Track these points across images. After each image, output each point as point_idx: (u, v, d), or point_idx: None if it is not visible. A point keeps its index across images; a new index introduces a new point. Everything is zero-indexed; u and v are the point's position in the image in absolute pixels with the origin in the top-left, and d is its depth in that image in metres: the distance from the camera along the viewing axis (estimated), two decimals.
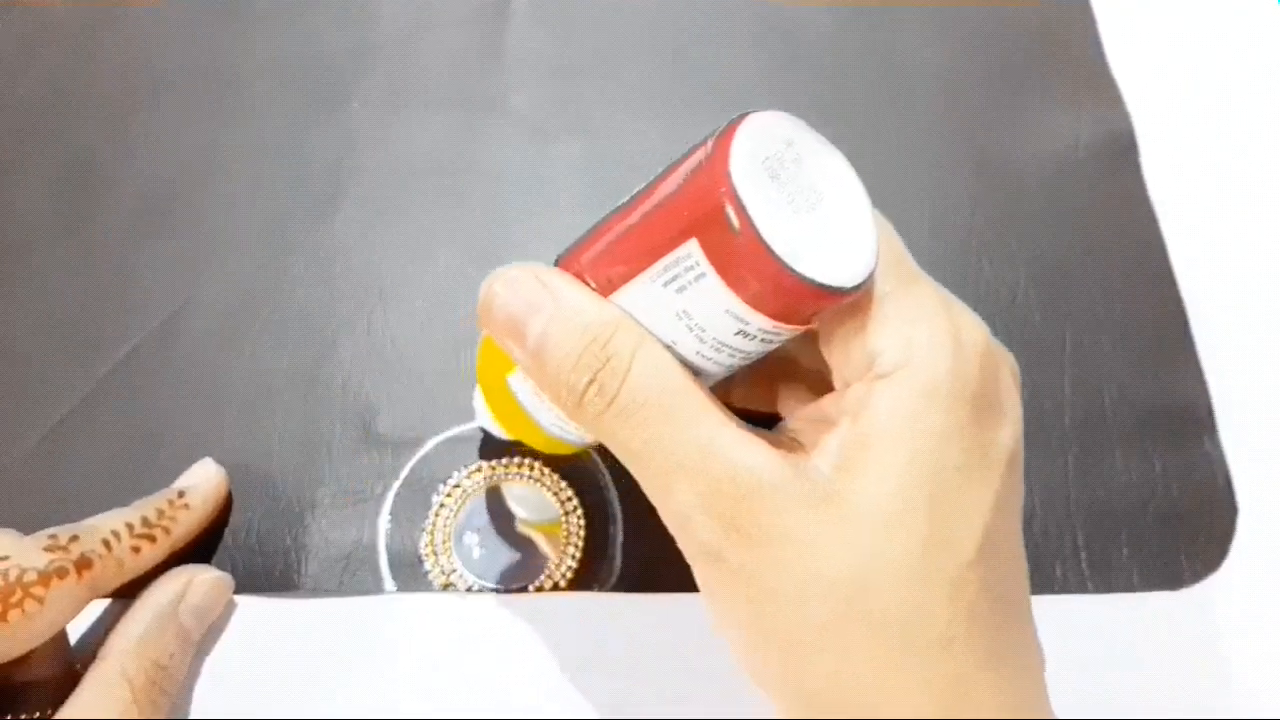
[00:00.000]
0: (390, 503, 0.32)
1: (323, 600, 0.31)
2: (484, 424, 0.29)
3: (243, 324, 0.36)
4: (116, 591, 0.28)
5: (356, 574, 0.31)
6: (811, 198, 0.20)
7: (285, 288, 0.37)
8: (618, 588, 0.31)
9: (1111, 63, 0.42)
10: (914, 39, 0.42)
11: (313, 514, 0.32)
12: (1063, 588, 0.31)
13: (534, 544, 0.31)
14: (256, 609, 0.31)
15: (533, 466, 0.33)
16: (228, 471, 0.32)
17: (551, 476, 0.32)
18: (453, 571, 0.31)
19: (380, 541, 0.32)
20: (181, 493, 0.30)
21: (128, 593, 0.28)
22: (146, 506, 0.29)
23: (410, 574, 0.31)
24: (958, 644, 0.20)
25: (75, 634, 0.29)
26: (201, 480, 0.31)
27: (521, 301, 0.22)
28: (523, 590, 0.31)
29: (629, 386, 0.21)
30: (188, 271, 0.37)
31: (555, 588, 0.31)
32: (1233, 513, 0.32)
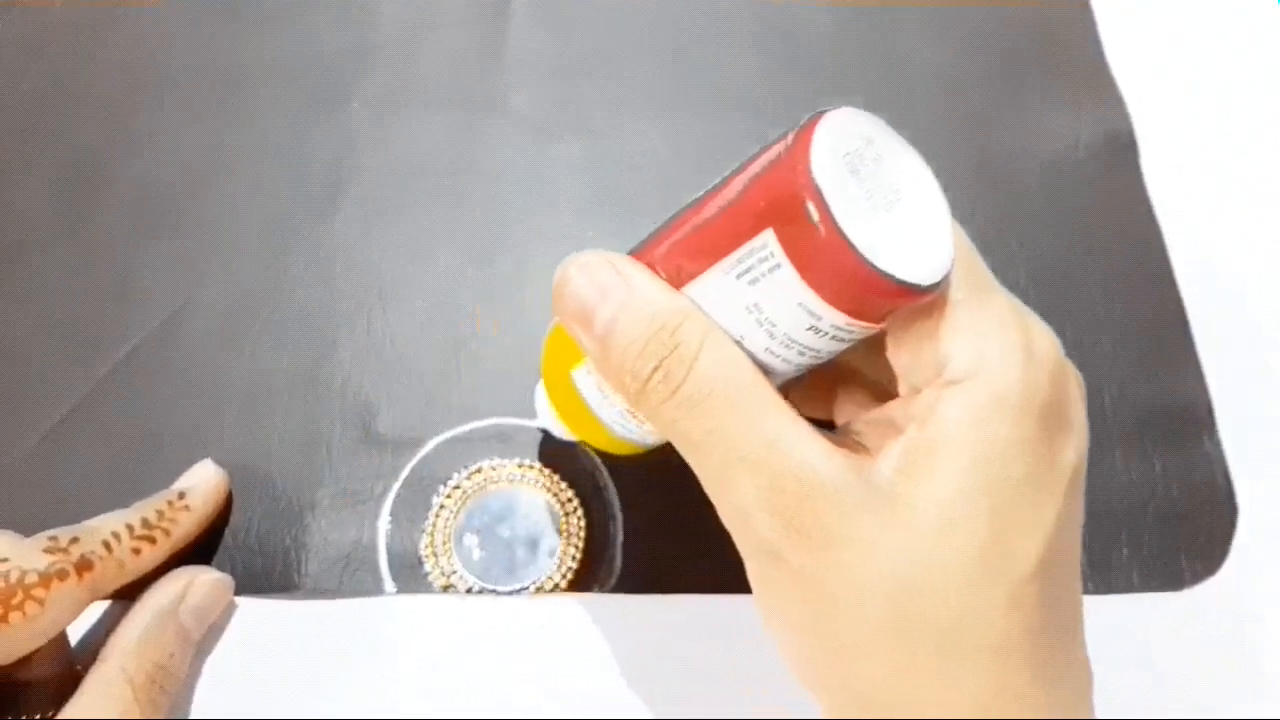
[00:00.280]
0: (390, 503, 0.32)
1: (323, 601, 0.31)
2: (545, 423, 0.28)
3: (242, 324, 0.36)
4: (117, 592, 0.28)
5: (356, 574, 0.31)
6: (890, 196, 0.19)
7: (285, 287, 0.37)
8: (618, 588, 0.31)
9: (1111, 63, 0.42)
10: (914, 39, 0.42)
11: (312, 514, 0.32)
12: None
13: (534, 545, 0.31)
14: (257, 609, 0.31)
15: (533, 467, 0.33)
16: (228, 471, 0.32)
17: (552, 477, 0.32)
18: (453, 573, 0.31)
19: (380, 542, 0.32)
20: (182, 494, 0.30)
21: (128, 594, 0.28)
22: (147, 508, 0.29)
23: (410, 575, 0.31)
24: (1012, 657, 0.19)
25: (76, 635, 0.29)
26: (201, 481, 0.31)
27: (594, 287, 0.21)
28: (523, 591, 0.31)
29: (695, 375, 0.20)
30: (188, 271, 0.37)
31: (555, 588, 0.31)
32: (1233, 513, 0.32)
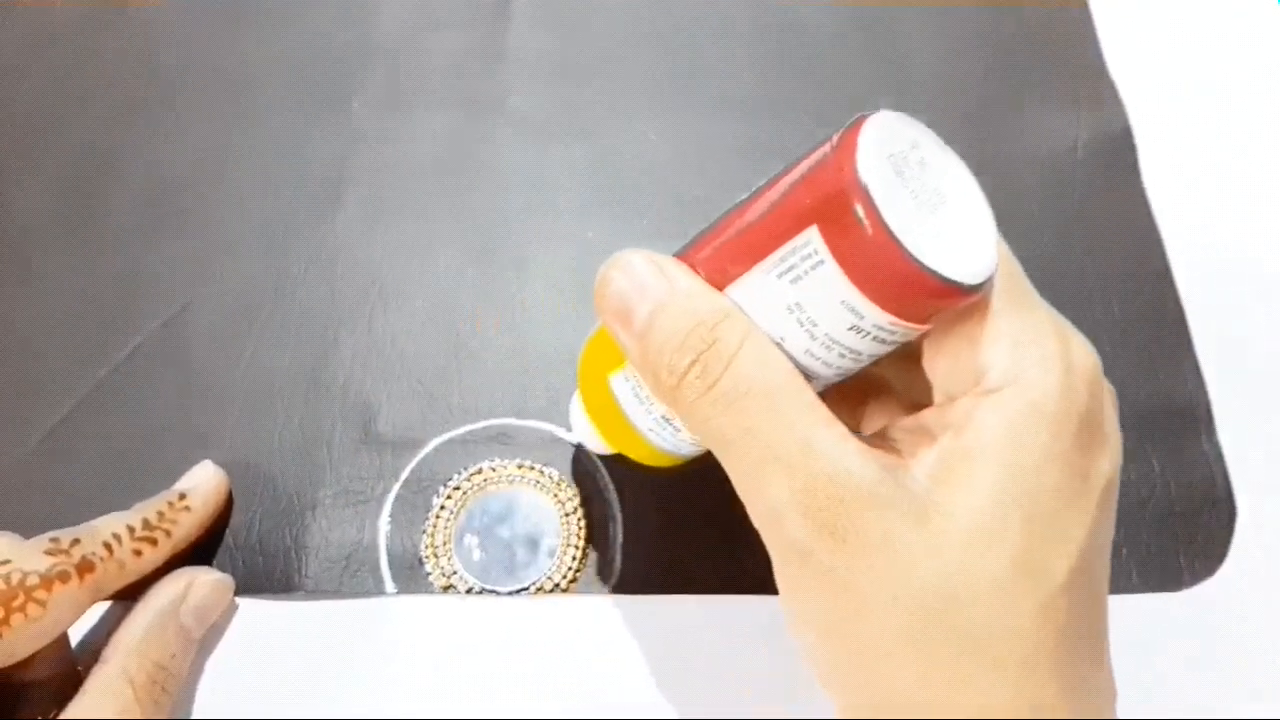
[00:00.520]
0: (390, 504, 0.32)
1: (323, 601, 0.31)
2: (580, 436, 0.28)
3: (243, 324, 0.36)
4: (118, 593, 0.28)
5: (357, 575, 0.31)
6: (935, 199, 0.19)
7: (286, 288, 0.37)
8: (618, 589, 0.31)
9: (1110, 63, 0.42)
10: (914, 39, 0.42)
11: (313, 514, 0.32)
12: None
13: (534, 546, 0.32)
14: (257, 610, 0.31)
15: (533, 468, 0.33)
16: (228, 472, 0.32)
17: (552, 478, 0.33)
18: (453, 573, 0.31)
19: (380, 542, 0.32)
20: (182, 494, 0.30)
21: (129, 594, 0.28)
22: (147, 509, 0.29)
23: (410, 575, 0.31)
24: (1041, 668, 0.19)
25: (77, 636, 0.29)
26: (202, 481, 0.31)
27: (635, 285, 0.21)
28: (523, 592, 0.31)
29: (733, 372, 0.20)
30: (189, 271, 0.37)
31: (555, 589, 0.31)
32: (1231, 512, 0.32)
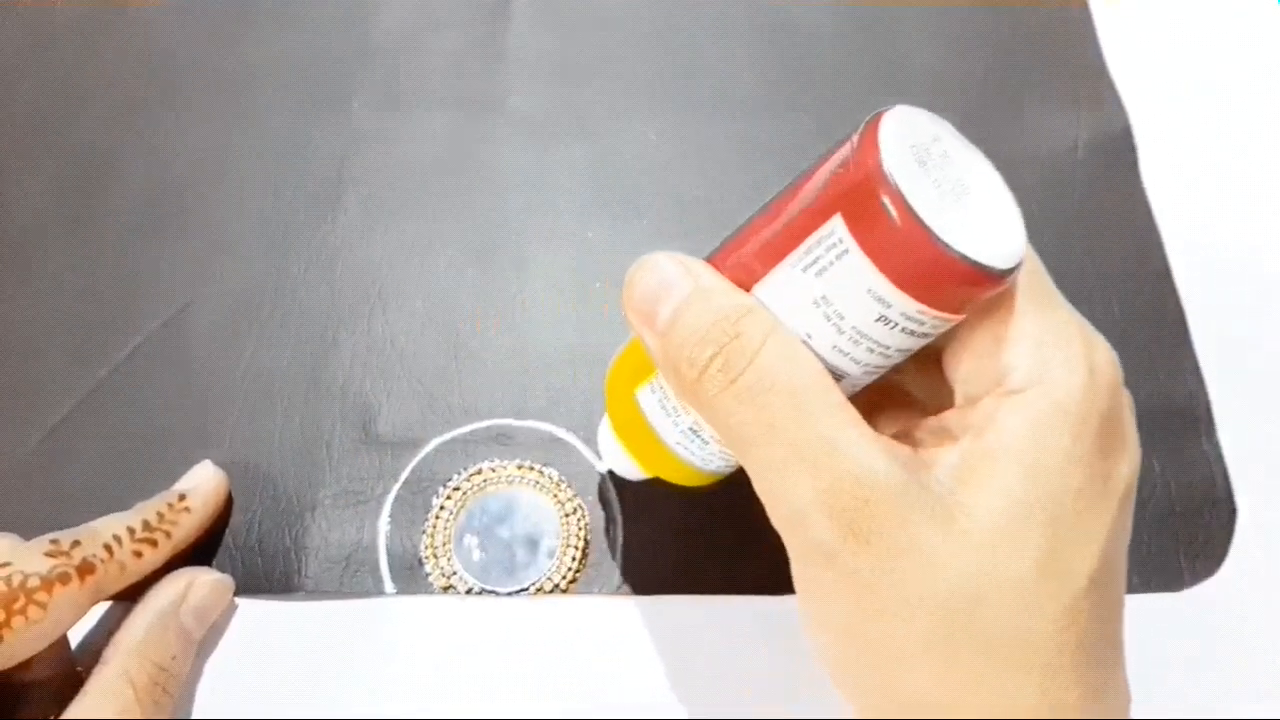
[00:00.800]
0: (390, 504, 0.32)
1: (323, 601, 0.31)
2: (611, 462, 0.28)
3: (243, 325, 0.36)
4: (117, 594, 0.28)
5: (356, 575, 0.31)
6: (959, 189, 0.19)
7: (286, 288, 0.37)
8: (618, 589, 0.31)
9: (1110, 64, 0.42)
10: (914, 39, 0.42)
11: (313, 515, 0.32)
12: None
13: (534, 546, 0.32)
14: (257, 610, 0.31)
15: (533, 468, 0.33)
16: (228, 472, 0.32)
17: (552, 478, 0.33)
18: (453, 574, 0.31)
19: (380, 543, 0.32)
20: (182, 495, 0.30)
21: (129, 594, 0.28)
22: (148, 510, 0.29)
23: (410, 576, 0.31)
24: (1063, 673, 0.19)
25: (77, 636, 0.29)
26: (202, 482, 0.31)
27: (660, 282, 0.21)
28: (522, 592, 0.31)
29: (757, 367, 0.20)
30: (189, 272, 0.37)
31: (555, 589, 0.31)
32: (1231, 513, 0.32)
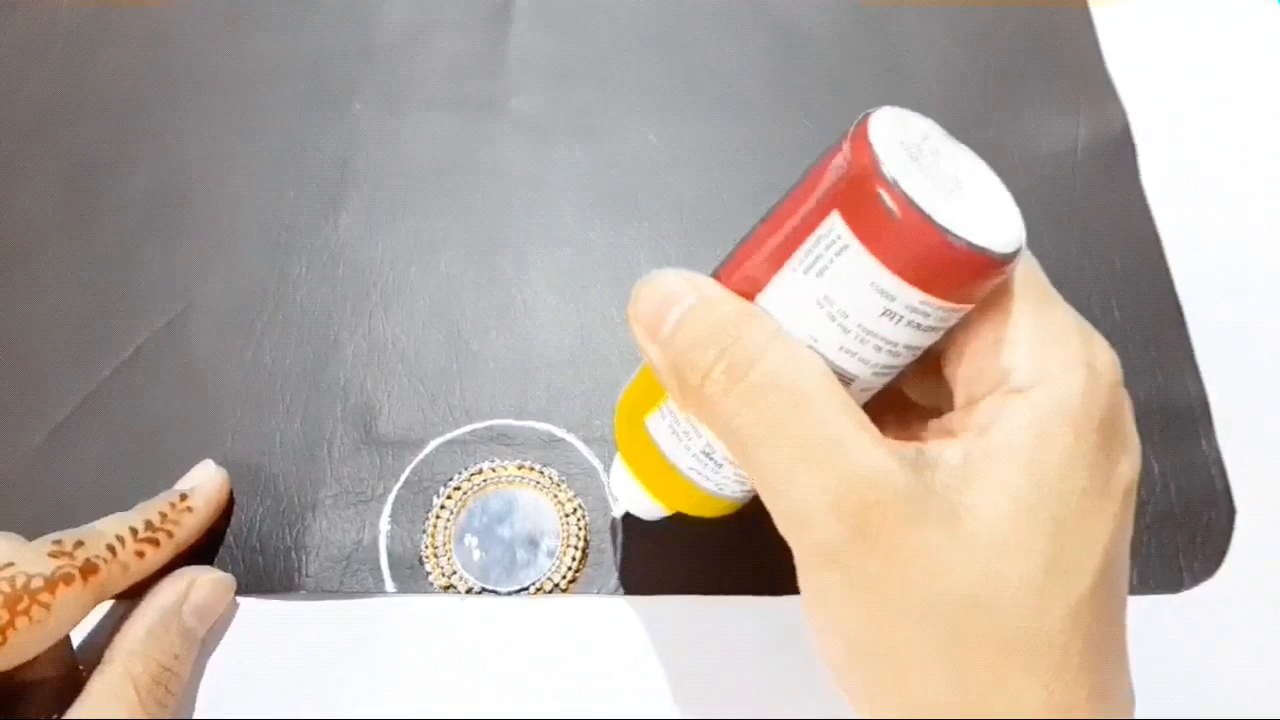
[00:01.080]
0: (391, 504, 0.33)
1: (323, 601, 0.31)
2: (627, 503, 0.27)
3: (245, 325, 0.36)
4: (120, 594, 0.28)
5: (357, 574, 0.31)
6: (952, 184, 0.19)
7: (288, 288, 0.37)
8: (617, 589, 0.31)
9: (1109, 64, 0.42)
10: (913, 39, 0.42)
11: (314, 514, 0.32)
12: None
13: (534, 546, 0.32)
14: (257, 610, 0.31)
15: (533, 468, 0.33)
16: (229, 472, 0.32)
17: (552, 478, 0.33)
18: (453, 573, 0.31)
19: (381, 542, 0.32)
20: (184, 495, 0.30)
21: (130, 594, 0.29)
22: (149, 510, 0.29)
23: (411, 575, 0.31)
24: (1071, 671, 0.19)
25: (79, 636, 0.29)
26: (203, 482, 0.31)
27: (665, 295, 0.21)
28: (523, 592, 0.31)
29: (761, 368, 0.20)
30: (191, 272, 0.37)
31: (555, 589, 0.31)
32: (1231, 513, 0.32)
